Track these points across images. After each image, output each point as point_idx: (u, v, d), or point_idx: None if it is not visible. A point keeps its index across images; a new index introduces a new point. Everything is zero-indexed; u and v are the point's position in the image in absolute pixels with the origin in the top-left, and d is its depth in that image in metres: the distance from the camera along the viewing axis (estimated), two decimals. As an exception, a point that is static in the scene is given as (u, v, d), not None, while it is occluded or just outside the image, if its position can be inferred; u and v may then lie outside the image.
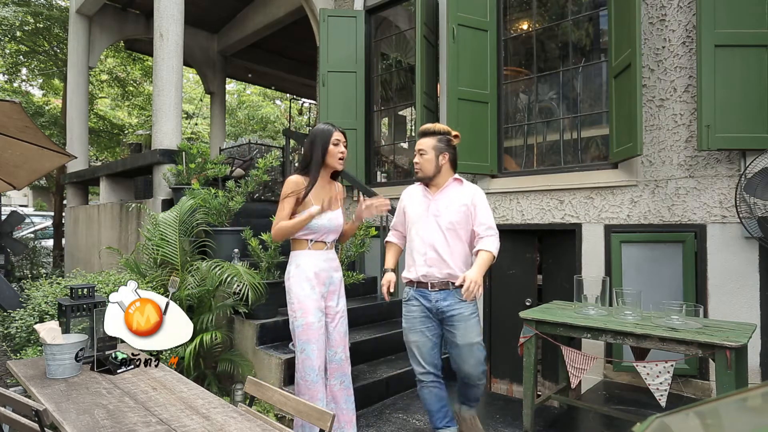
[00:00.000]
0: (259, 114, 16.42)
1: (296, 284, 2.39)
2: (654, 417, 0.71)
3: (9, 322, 2.68)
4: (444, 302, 2.42)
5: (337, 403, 2.49)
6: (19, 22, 8.31)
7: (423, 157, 2.50)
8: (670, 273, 3.28)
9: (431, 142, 2.50)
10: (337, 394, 2.49)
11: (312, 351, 2.36)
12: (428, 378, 2.53)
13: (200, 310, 3.51)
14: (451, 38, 4.06)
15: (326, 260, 2.47)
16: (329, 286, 2.48)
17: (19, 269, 7.71)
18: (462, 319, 2.39)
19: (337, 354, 2.49)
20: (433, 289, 2.45)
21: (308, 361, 2.36)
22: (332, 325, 2.49)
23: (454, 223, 2.45)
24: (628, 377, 3.39)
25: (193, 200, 3.78)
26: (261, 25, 7.56)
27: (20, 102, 3.63)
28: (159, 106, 4.49)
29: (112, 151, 11.65)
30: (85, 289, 2.32)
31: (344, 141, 2.47)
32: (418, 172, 2.54)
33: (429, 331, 2.50)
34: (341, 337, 2.51)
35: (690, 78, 3.21)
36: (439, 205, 2.49)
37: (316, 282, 2.40)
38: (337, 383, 2.49)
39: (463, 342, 2.39)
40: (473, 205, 2.46)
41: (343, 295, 2.57)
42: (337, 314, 2.51)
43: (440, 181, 2.53)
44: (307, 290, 2.38)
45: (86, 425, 1.56)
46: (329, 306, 2.49)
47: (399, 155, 5.97)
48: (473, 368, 2.42)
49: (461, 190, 2.52)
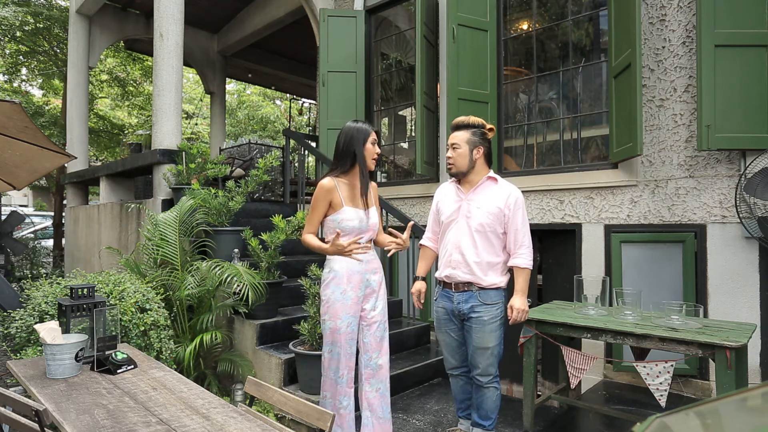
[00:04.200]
0: (259, 114, 16.42)
1: (330, 287, 2.33)
2: (654, 417, 0.71)
3: (9, 322, 2.67)
4: (465, 305, 2.41)
5: (373, 410, 2.40)
6: (19, 22, 8.31)
7: (456, 151, 2.41)
8: (670, 273, 3.28)
9: (465, 136, 2.41)
10: (372, 401, 2.40)
11: (337, 353, 2.32)
12: (456, 372, 2.59)
13: (200, 310, 3.51)
14: (451, 38, 4.06)
15: (361, 263, 2.36)
16: (365, 289, 2.38)
17: (19, 269, 7.71)
18: (480, 323, 2.39)
19: (372, 359, 2.40)
20: (456, 290, 2.44)
21: (333, 362, 2.34)
22: (368, 330, 2.40)
23: (484, 225, 2.38)
24: (628, 377, 3.39)
25: (193, 200, 3.78)
26: (261, 25, 7.56)
27: (20, 102, 3.63)
28: (159, 106, 4.49)
29: (112, 151, 11.64)
30: (85, 289, 2.32)
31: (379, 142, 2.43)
32: (451, 168, 2.46)
33: (453, 332, 2.51)
34: (377, 342, 2.41)
35: (690, 78, 3.21)
36: (471, 205, 2.42)
37: (349, 286, 2.32)
38: (372, 390, 2.40)
39: (478, 345, 2.41)
40: (508, 213, 2.38)
41: (382, 298, 2.45)
42: (374, 319, 2.40)
43: (474, 177, 2.45)
44: (337, 294, 2.31)
45: (86, 425, 1.56)
46: (365, 309, 2.39)
47: (399, 155, 5.98)
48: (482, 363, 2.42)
49: (496, 190, 2.42)
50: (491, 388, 2.45)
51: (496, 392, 2.46)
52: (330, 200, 2.30)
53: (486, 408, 2.48)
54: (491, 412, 2.48)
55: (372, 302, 2.41)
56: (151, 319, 2.86)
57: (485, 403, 2.47)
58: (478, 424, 2.52)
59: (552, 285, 3.98)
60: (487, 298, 2.40)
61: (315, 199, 2.31)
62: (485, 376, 2.43)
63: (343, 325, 2.31)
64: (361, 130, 2.35)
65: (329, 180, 2.31)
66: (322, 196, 2.30)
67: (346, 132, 2.37)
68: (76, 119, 6.92)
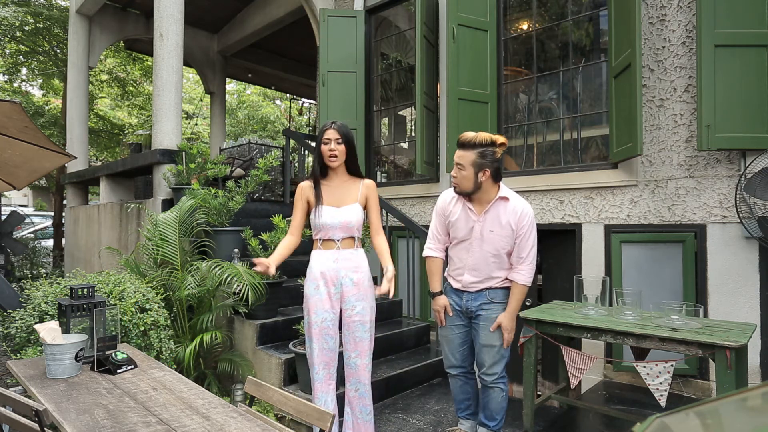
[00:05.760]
0: (259, 114, 16.42)
1: (306, 282, 2.46)
2: (654, 417, 0.71)
3: (9, 322, 2.67)
4: (474, 302, 2.44)
5: (352, 409, 2.45)
6: (19, 22, 8.31)
7: (461, 172, 2.33)
8: (670, 273, 3.28)
9: (471, 158, 2.30)
10: (352, 400, 2.45)
11: (313, 348, 2.41)
12: (455, 371, 2.57)
13: (200, 310, 3.51)
14: (451, 38, 4.06)
15: (336, 260, 2.39)
16: (341, 287, 2.39)
17: (19, 269, 7.71)
18: (487, 321, 2.41)
19: (351, 359, 2.43)
20: (466, 290, 2.47)
21: (309, 358, 2.45)
22: (347, 330, 2.43)
23: (499, 249, 2.38)
24: (628, 377, 3.39)
25: (193, 200, 3.78)
26: (261, 25, 7.56)
27: (20, 102, 3.63)
28: (159, 106, 4.49)
29: (112, 151, 11.64)
30: (85, 289, 2.32)
31: (336, 138, 2.34)
32: (455, 186, 2.41)
33: (458, 329, 2.52)
34: (355, 342, 2.41)
35: (690, 78, 3.21)
36: (484, 228, 2.37)
37: (322, 282, 2.39)
38: (351, 389, 2.45)
39: (485, 342, 2.42)
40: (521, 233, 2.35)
41: (365, 299, 2.41)
42: (352, 318, 2.40)
43: (483, 196, 2.37)
44: (311, 289, 2.41)
45: (86, 425, 1.56)
46: (344, 309, 2.41)
47: (399, 155, 5.98)
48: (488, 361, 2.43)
49: (508, 209, 2.35)
50: (497, 388, 2.44)
51: (502, 393, 2.45)
52: (307, 199, 2.46)
53: (491, 408, 2.48)
54: (497, 412, 2.48)
55: (351, 302, 2.40)
56: (151, 319, 2.86)
57: (491, 403, 2.47)
58: (484, 424, 2.53)
59: (552, 285, 3.98)
60: (496, 296, 2.43)
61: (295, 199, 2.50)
62: (490, 375, 2.42)
63: (317, 319, 2.38)
64: (320, 131, 2.46)
65: (305, 181, 2.49)
66: (297, 196, 2.47)
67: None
68: (76, 119, 6.92)
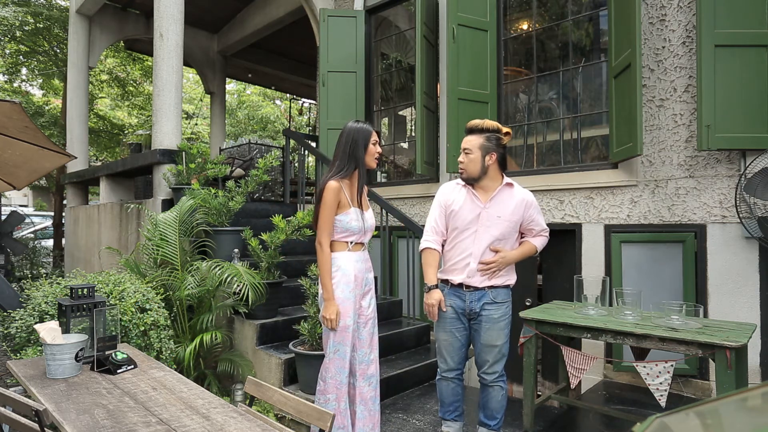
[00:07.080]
0: (259, 114, 16.42)
1: (340, 286, 2.33)
2: (654, 417, 0.71)
3: (9, 322, 2.67)
4: (477, 303, 2.42)
5: (366, 404, 2.46)
6: (19, 22, 8.31)
7: (468, 156, 2.37)
8: (670, 273, 3.28)
9: (478, 141, 2.36)
10: (366, 395, 2.45)
11: (345, 353, 2.36)
12: (450, 374, 2.54)
13: (200, 310, 3.51)
14: (451, 38, 4.06)
15: (364, 261, 2.44)
16: (365, 287, 2.45)
17: (19, 269, 7.71)
18: (490, 321, 2.40)
19: (367, 355, 2.45)
20: (468, 290, 2.43)
21: (341, 362, 2.36)
22: (363, 327, 2.45)
23: (505, 234, 2.39)
24: (628, 377, 3.39)
25: (193, 200, 3.78)
26: (261, 25, 7.56)
27: (20, 102, 3.63)
28: (159, 106, 4.49)
29: (112, 151, 11.64)
30: (85, 289, 2.32)
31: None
32: (462, 173, 2.42)
33: (458, 332, 2.48)
34: (371, 337, 2.47)
35: (690, 78, 3.21)
36: (490, 213, 2.38)
37: (355, 285, 2.36)
38: (365, 384, 2.45)
39: (486, 342, 2.41)
40: (528, 216, 2.42)
41: (374, 296, 2.54)
42: (369, 316, 2.47)
43: (488, 183, 2.40)
44: (347, 293, 2.34)
45: (86, 425, 1.56)
46: (362, 307, 2.44)
47: (399, 155, 5.98)
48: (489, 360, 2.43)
49: (513, 196, 2.41)
50: (496, 387, 2.44)
51: (502, 392, 2.45)
52: (339, 201, 2.31)
53: (492, 407, 2.48)
54: (497, 411, 2.48)
55: (368, 300, 2.48)
56: (151, 319, 2.86)
57: (491, 402, 2.47)
58: (484, 423, 2.52)
59: (552, 285, 3.98)
60: (498, 296, 2.42)
61: (325, 202, 2.29)
62: (491, 374, 2.43)
63: (351, 323, 2.36)
64: (362, 131, 2.36)
65: (335, 182, 2.31)
66: (332, 198, 2.28)
67: (347, 134, 2.37)
68: (76, 119, 6.92)
